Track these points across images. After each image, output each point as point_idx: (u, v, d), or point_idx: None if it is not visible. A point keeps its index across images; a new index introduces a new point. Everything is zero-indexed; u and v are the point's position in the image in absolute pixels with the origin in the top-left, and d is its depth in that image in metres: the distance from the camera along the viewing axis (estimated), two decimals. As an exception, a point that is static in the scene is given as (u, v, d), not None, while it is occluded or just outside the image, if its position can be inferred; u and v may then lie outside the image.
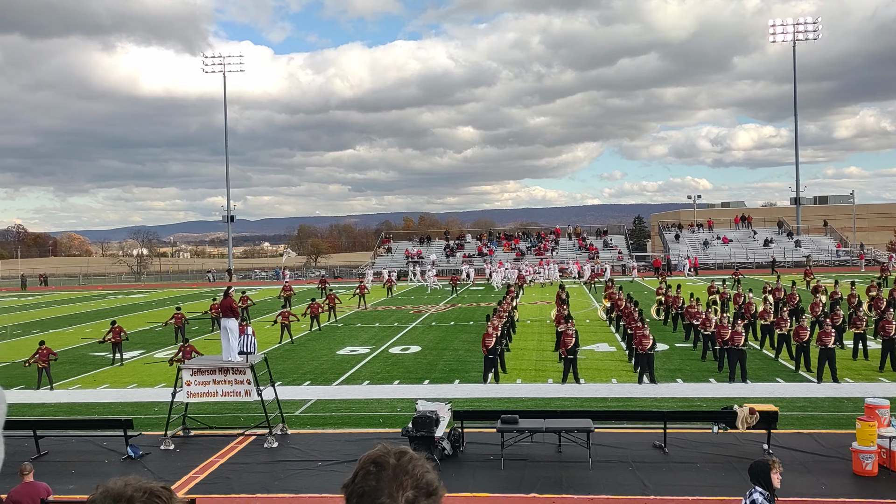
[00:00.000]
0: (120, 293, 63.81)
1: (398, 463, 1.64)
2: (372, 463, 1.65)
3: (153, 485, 1.77)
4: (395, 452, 1.68)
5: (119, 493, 1.70)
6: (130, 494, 1.70)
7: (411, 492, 1.60)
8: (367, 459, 1.68)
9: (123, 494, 1.70)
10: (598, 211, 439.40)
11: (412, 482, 1.62)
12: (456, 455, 14.11)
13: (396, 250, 77.00)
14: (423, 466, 1.67)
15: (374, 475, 1.62)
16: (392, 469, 1.62)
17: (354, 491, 1.63)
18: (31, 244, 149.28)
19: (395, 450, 1.69)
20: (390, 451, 1.68)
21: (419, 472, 1.64)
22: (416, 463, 1.66)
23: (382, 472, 1.62)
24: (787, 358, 22.35)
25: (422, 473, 1.64)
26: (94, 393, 21.55)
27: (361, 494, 1.62)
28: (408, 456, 1.67)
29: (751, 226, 76.03)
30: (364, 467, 1.66)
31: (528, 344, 27.36)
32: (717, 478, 12.72)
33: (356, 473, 1.67)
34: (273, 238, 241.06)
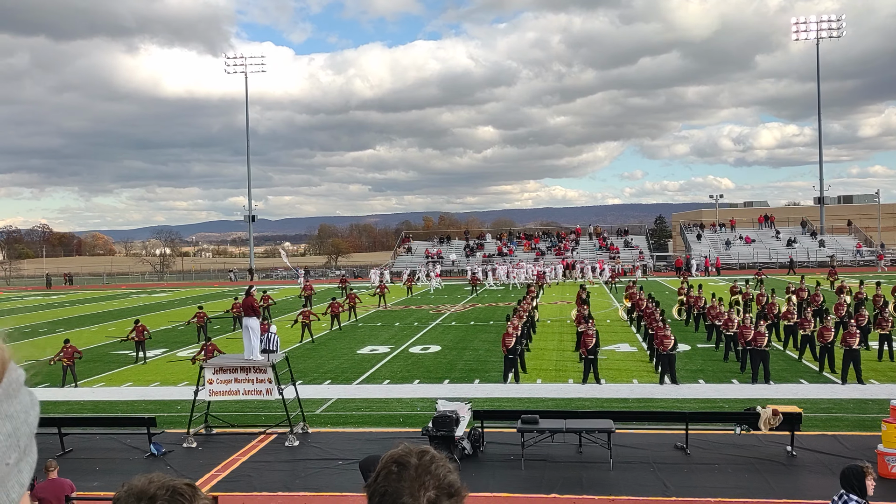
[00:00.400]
0: (143, 292, 64.44)
1: (420, 462, 1.63)
2: (394, 462, 1.64)
3: (177, 482, 1.78)
4: (417, 452, 1.67)
5: (142, 490, 1.71)
6: (154, 492, 1.71)
7: (433, 492, 1.60)
8: (388, 459, 1.67)
9: (146, 492, 1.71)
10: (618, 210, 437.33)
11: (434, 482, 1.61)
12: (476, 455, 14.11)
13: (416, 250, 77.10)
14: (446, 466, 1.66)
15: (396, 475, 1.61)
16: (414, 469, 1.62)
17: (376, 490, 1.63)
18: (56, 244, 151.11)
19: (417, 449, 1.68)
20: (412, 450, 1.68)
21: (442, 472, 1.63)
22: (439, 463, 1.65)
23: (404, 472, 1.61)
24: (810, 359, 22.11)
25: (444, 473, 1.64)
26: (117, 391, 21.78)
27: (384, 494, 1.61)
28: (430, 455, 1.67)
29: (774, 226, 75.30)
30: (386, 467, 1.65)
31: (548, 344, 27.28)
32: (740, 479, 12.62)
33: (378, 473, 1.66)
34: (294, 238, 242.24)
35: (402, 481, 1.60)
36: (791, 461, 13.49)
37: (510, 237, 79.04)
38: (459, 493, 1.65)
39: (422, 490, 1.59)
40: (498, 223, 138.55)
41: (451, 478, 1.65)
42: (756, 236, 72.52)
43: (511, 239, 77.99)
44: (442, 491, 1.61)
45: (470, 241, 77.71)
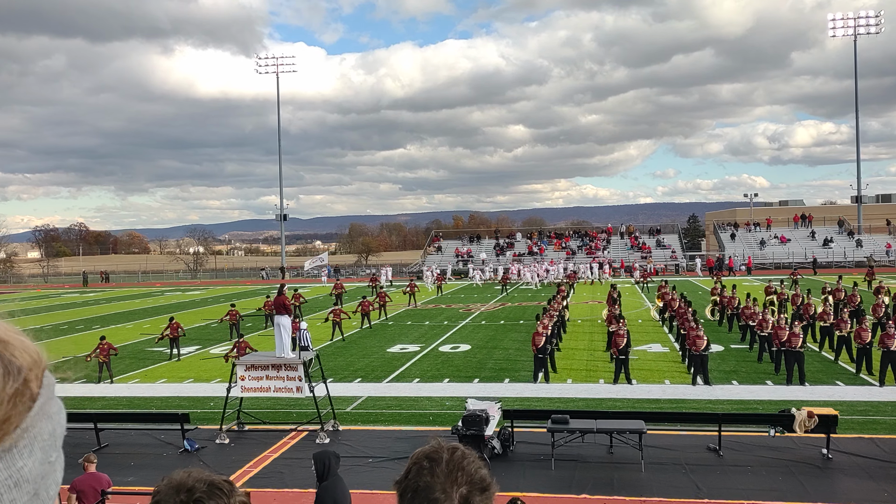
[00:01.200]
0: (177, 290, 65.29)
1: (451, 458, 1.63)
2: (426, 458, 1.65)
3: (215, 477, 1.81)
4: (449, 448, 1.67)
5: (181, 482, 1.75)
6: (192, 485, 1.75)
7: (465, 487, 1.60)
8: (420, 455, 1.68)
9: (185, 484, 1.75)
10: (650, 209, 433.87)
11: (466, 478, 1.61)
12: (506, 454, 14.09)
13: (446, 249, 77.15)
14: (477, 463, 1.67)
15: (427, 471, 1.62)
16: (446, 465, 1.62)
17: (408, 486, 1.63)
18: (93, 242, 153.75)
19: (449, 446, 1.69)
20: (443, 446, 1.68)
21: (473, 468, 1.64)
22: (470, 459, 1.66)
23: (436, 468, 1.62)
24: (847, 360, 21.73)
25: (475, 469, 1.64)
26: (152, 387, 22.10)
27: (416, 490, 1.61)
28: (461, 452, 1.67)
29: (810, 225, 74.10)
30: (418, 463, 1.65)
31: (578, 344, 27.14)
32: (774, 482, 12.44)
33: (409, 469, 1.66)
34: (325, 237, 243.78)
35: (434, 477, 1.61)
36: (826, 464, 13.27)
37: (540, 236, 78.74)
38: (490, 488, 1.65)
39: (454, 486, 1.59)
40: (528, 222, 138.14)
41: (482, 473, 1.65)
42: (791, 236, 71.44)
43: (541, 238, 77.69)
44: (474, 486, 1.61)
45: (500, 240, 77.55)
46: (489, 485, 1.65)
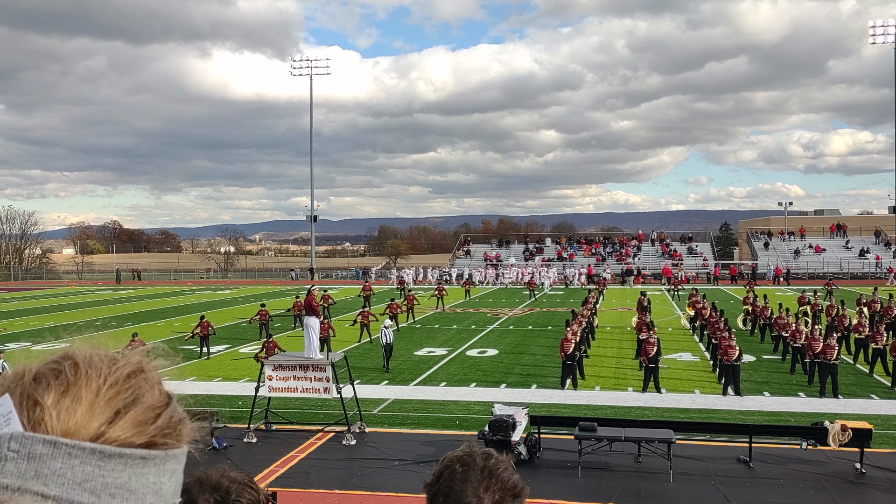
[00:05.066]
0: (208, 289, 66.01)
1: (485, 464, 1.62)
2: (459, 463, 1.63)
3: (244, 477, 1.84)
4: (482, 453, 1.66)
5: (216, 483, 1.77)
6: (227, 486, 1.77)
7: (498, 494, 1.58)
8: (453, 459, 1.66)
9: (221, 485, 1.77)
10: (682, 216, 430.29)
11: (499, 484, 1.60)
12: (532, 461, 14.00)
13: (475, 252, 77.10)
14: (510, 469, 1.65)
15: (460, 475, 1.60)
16: (479, 470, 1.61)
17: (440, 491, 1.62)
18: (126, 240, 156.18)
19: (482, 451, 1.67)
20: (476, 451, 1.66)
21: (506, 473, 1.62)
22: (503, 465, 1.64)
23: (470, 473, 1.60)
24: (882, 373, 21.31)
25: (508, 475, 1.63)
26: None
27: (447, 494, 1.60)
28: (494, 458, 1.66)
29: (846, 234, 72.89)
30: (450, 467, 1.64)
31: (607, 351, 26.94)
32: (805, 496, 12.22)
33: (441, 473, 1.65)
34: (354, 238, 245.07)
35: (466, 482, 1.59)
36: (860, 479, 13.00)
37: (570, 241, 78.36)
38: (522, 493, 1.64)
39: (487, 492, 1.58)
40: (558, 227, 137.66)
41: (514, 479, 1.64)
42: (826, 245, 70.33)
43: (571, 243, 77.32)
44: (507, 493, 1.60)
45: (529, 245, 77.33)
46: (521, 490, 1.64)
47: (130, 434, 0.92)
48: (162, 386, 1.02)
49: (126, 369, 0.96)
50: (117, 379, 0.94)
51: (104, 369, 0.94)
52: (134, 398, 0.94)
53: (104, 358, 0.96)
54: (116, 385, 0.93)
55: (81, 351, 0.96)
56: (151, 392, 0.97)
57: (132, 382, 0.95)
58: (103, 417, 0.91)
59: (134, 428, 0.93)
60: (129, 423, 0.92)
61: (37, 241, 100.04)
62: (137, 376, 0.97)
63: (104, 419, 0.90)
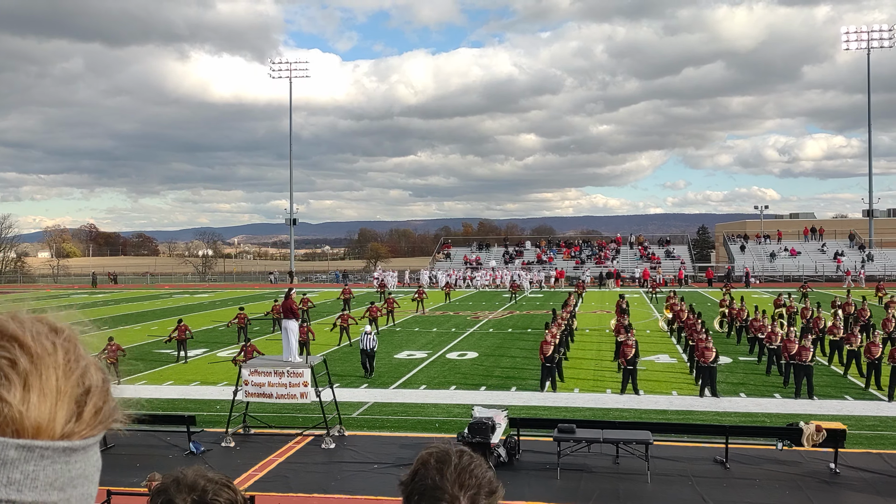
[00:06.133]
0: (185, 292, 65.48)
1: (460, 461, 1.63)
2: (434, 460, 1.64)
3: (222, 477, 1.82)
4: (457, 451, 1.67)
5: (193, 483, 1.75)
6: (203, 485, 1.75)
7: (473, 491, 1.59)
8: (428, 456, 1.66)
9: (197, 485, 1.75)
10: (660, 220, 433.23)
11: (474, 481, 1.60)
12: (511, 463, 14.05)
13: (455, 256, 77.14)
14: (484, 466, 1.66)
15: (435, 472, 1.60)
16: (454, 467, 1.61)
17: (415, 489, 1.62)
18: (103, 243, 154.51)
19: (457, 449, 1.68)
20: (451, 449, 1.68)
21: (480, 471, 1.63)
22: (477, 462, 1.65)
23: (445, 470, 1.60)
24: (856, 375, 21.60)
25: (483, 472, 1.63)
26: (158, 389, 22.15)
27: (422, 492, 1.60)
28: (468, 455, 1.67)
29: (821, 238, 73.75)
30: (425, 464, 1.64)
31: (586, 353, 27.07)
32: (781, 496, 12.37)
33: (416, 471, 1.65)
34: (334, 241, 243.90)
35: (442, 479, 1.59)
36: (834, 479, 13.18)
37: (549, 245, 78.65)
38: (497, 491, 1.65)
39: (462, 489, 1.58)
40: (538, 230, 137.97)
41: (489, 475, 1.65)
42: (801, 248, 71.13)
43: (550, 246, 77.60)
44: (482, 489, 1.60)
45: (509, 248, 77.51)
46: (497, 488, 1.65)
47: (93, 426, 0.93)
48: (92, 358, 0.99)
49: (70, 348, 0.95)
50: (69, 365, 0.93)
51: (53, 350, 0.92)
52: (87, 386, 0.94)
53: (44, 333, 0.94)
54: (71, 373, 0.92)
55: (17, 325, 0.93)
56: (94, 373, 0.96)
57: (80, 366, 0.94)
58: (68, 413, 0.90)
59: (94, 419, 0.93)
60: (90, 414, 0.93)
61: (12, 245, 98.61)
62: (78, 351, 0.96)
63: (69, 415, 0.90)
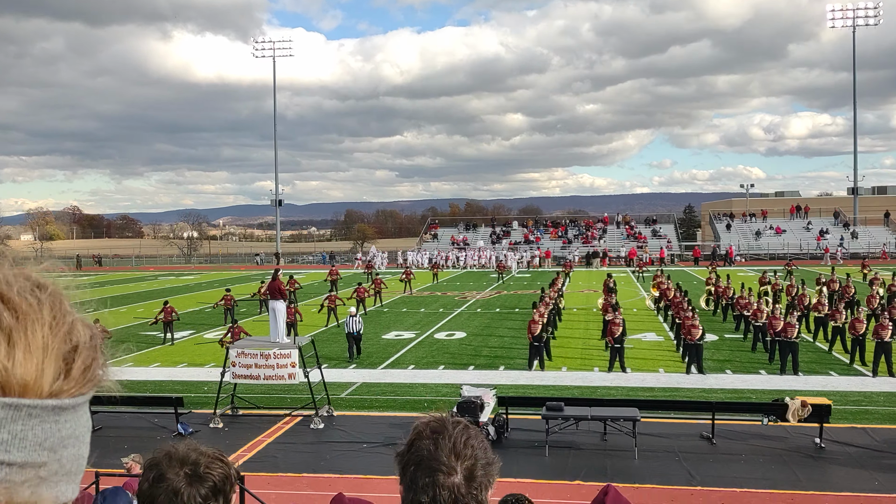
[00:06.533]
0: (171, 274, 65.18)
1: (456, 432, 1.62)
2: (430, 430, 1.63)
3: (215, 451, 1.82)
4: (453, 422, 1.66)
5: (185, 456, 1.76)
6: (196, 459, 1.75)
7: (470, 461, 1.58)
8: (424, 427, 1.65)
9: (189, 458, 1.75)
10: (647, 199, 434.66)
11: (471, 451, 1.60)
12: (500, 441, 14.10)
13: (442, 236, 77.12)
14: (480, 437, 1.65)
15: (432, 443, 1.60)
16: (451, 437, 1.60)
17: (411, 459, 1.61)
18: (87, 225, 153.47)
19: (453, 419, 1.67)
20: (448, 419, 1.66)
21: (477, 441, 1.63)
22: (473, 432, 1.65)
23: (441, 441, 1.60)
24: (841, 351, 21.81)
25: (480, 443, 1.63)
26: (145, 371, 22.07)
27: (419, 462, 1.59)
28: (463, 425, 1.66)
29: (806, 216, 74.23)
30: (422, 435, 1.63)
31: (573, 332, 27.19)
32: (767, 470, 12.49)
33: (412, 441, 1.64)
34: (320, 223, 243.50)
35: (439, 449, 1.59)
36: (819, 453, 13.32)
37: (536, 225, 78.76)
38: (494, 462, 1.65)
39: (459, 460, 1.58)
40: (525, 211, 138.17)
41: (485, 446, 1.64)
42: (787, 226, 71.59)
43: (537, 226, 77.71)
44: (479, 460, 1.60)
45: (496, 229, 77.56)
46: (493, 459, 1.64)
47: (82, 384, 0.90)
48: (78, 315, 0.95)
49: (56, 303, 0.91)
50: (56, 321, 0.89)
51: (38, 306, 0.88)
52: (74, 343, 0.90)
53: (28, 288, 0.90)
54: (58, 329, 0.88)
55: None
56: (82, 329, 0.92)
57: (67, 322, 0.90)
58: (56, 370, 0.87)
59: (83, 376, 0.90)
60: (78, 371, 0.89)
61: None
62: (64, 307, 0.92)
63: (57, 372, 0.87)
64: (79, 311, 0.97)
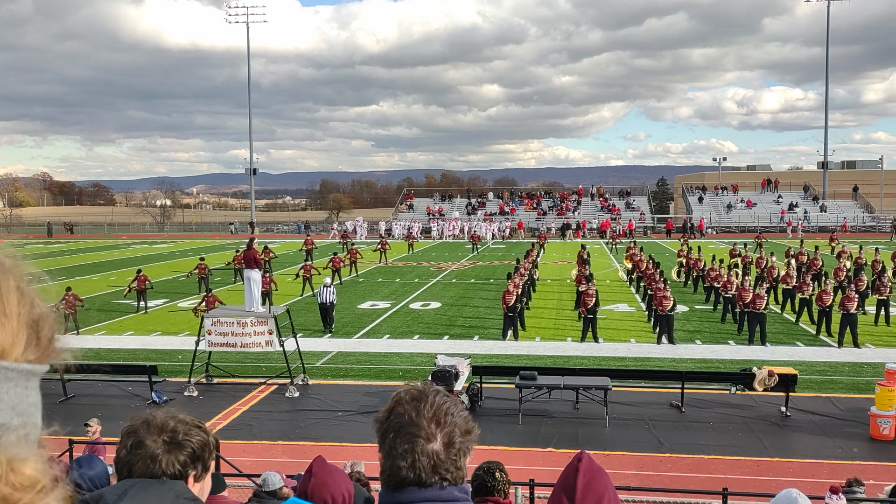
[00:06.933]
0: (144, 243, 64.49)
1: (435, 400, 1.64)
2: (410, 397, 1.65)
3: (193, 419, 1.83)
4: (433, 390, 1.68)
5: (163, 424, 1.76)
6: (174, 426, 1.76)
7: (448, 427, 1.61)
8: (404, 394, 1.67)
9: (167, 425, 1.76)
10: (621, 172, 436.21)
11: (450, 419, 1.62)
12: (474, 409, 14.28)
13: (418, 207, 76.98)
14: (459, 405, 1.68)
15: (411, 410, 1.61)
16: (430, 405, 1.62)
17: (391, 426, 1.63)
18: (57, 192, 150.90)
19: (432, 388, 1.69)
20: (428, 388, 1.69)
21: (456, 409, 1.65)
22: (453, 401, 1.67)
23: (421, 407, 1.61)
24: (807, 322, 22.25)
25: (459, 411, 1.65)
26: (119, 339, 21.96)
27: (398, 429, 1.61)
28: (443, 394, 1.68)
29: (777, 189, 75.05)
30: (401, 402, 1.65)
31: (547, 303, 27.42)
32: (734, 438, 12.81)
33: (391, 408, 1.65)
34: (295, 192, 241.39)
35: (419, 417, 1.60)
36: (785, 421, 13.67)
37: (512, 196, 78.84)
38: (472, 430, 1.67)
39: (439, 427, 1.60)
40: (501, 182, 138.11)
41: (465, 415, 1.67)
42: (758, 200, 72.34)
43: (513, 198, 77.80)
44: (458, 427, 1.63)
45: (472, 200, 77.53)
46: (471, 427, 1.67)
47: (48, 353, 0.91)
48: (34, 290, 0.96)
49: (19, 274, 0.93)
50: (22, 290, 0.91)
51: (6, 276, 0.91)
52: (39, 312, 0.92)
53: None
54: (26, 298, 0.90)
55: None
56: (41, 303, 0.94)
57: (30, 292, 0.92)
58: (28, 337, 0.88)
59: (49, 345, 0.92)
60: (45, 341, 0.91)
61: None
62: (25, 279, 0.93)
63: (28, 338, 0.88)
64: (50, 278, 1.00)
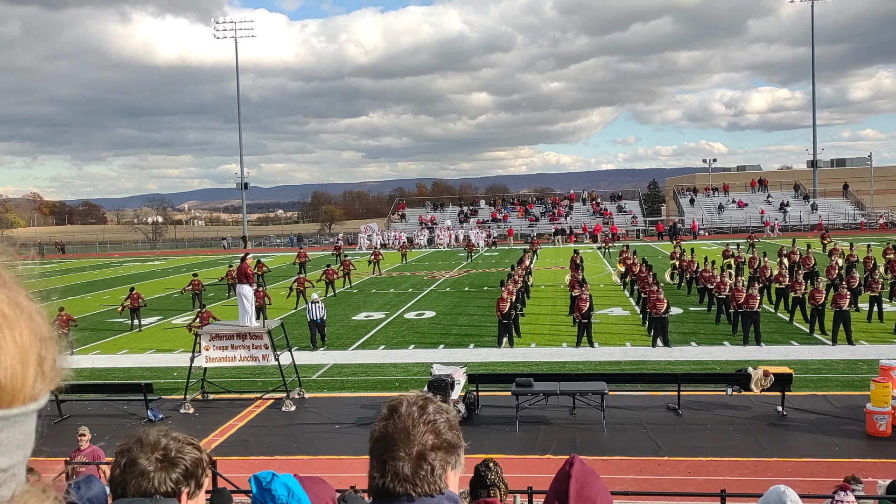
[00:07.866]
0: (136, 260, 64.30)
1: (425, 409, 1.63)
2: (401, 407, 1.65)
3: (186, 436, 1.83)
4: (423, 398, 1.68)
5: (156, 442, 1.76)
6: (167, 444, 1.76)
7: (431, 437, 1.60)
8: (395, 404, 1.66)
9: (160, 443, 1.75)
10: (612, 176, 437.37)
11: (436, 427, 1.61)
12: (471, 418, 14.27)
13: (410, 216, 77.00)
14: (450, 413, 1.68)
15: (402, 419, 1.61)
16: (419, 414, 1.62)
17: (371, 438, 1.65)
18: (48, 212, 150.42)
19: (422, 396, 1.69)
20: (417, 397, 1.69)
21: (443, 418, 1.64)
22: (442, 410, 1.67)
23: (410, 417, 1.61)
24: (801, 321, 22.31)
25: (446, 419, 1.65)
26: (113, 358, 21.86)
27: (377, 440, 1.62)
28: (434, 403, 1.67)
29: (767, 189, 75.35)
30: (394, 411, 1.65)
31: (542, 309, 27.43)
32: (731, 439, 12.81)
33: (380, 419, 1.67)
34: (287, 205, 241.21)
35: (412, 425, 1.60)
36: (781, 421, 13.69)
37: (504, 203, 78.95)
38: (455, 444, 1.64)
39: (426, 435, 1.59)
40: (492, 189, 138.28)
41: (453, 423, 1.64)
42: (749, 200, 72.60)
43: (505, 205, 77.91)
44: (441, 438, 1.61)
45: (464, 207, 77.61)
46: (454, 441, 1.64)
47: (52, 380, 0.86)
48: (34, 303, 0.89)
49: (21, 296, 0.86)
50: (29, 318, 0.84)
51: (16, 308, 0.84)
52: (41, 337, 0.85)
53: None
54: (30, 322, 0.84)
55: None
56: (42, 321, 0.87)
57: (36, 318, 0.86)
58: (34, 372, 0.82)
59: (53, 373, 0.86)
60: (50, 369, 0.85)
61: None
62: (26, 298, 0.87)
63: (35, 374, 0.82)
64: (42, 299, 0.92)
